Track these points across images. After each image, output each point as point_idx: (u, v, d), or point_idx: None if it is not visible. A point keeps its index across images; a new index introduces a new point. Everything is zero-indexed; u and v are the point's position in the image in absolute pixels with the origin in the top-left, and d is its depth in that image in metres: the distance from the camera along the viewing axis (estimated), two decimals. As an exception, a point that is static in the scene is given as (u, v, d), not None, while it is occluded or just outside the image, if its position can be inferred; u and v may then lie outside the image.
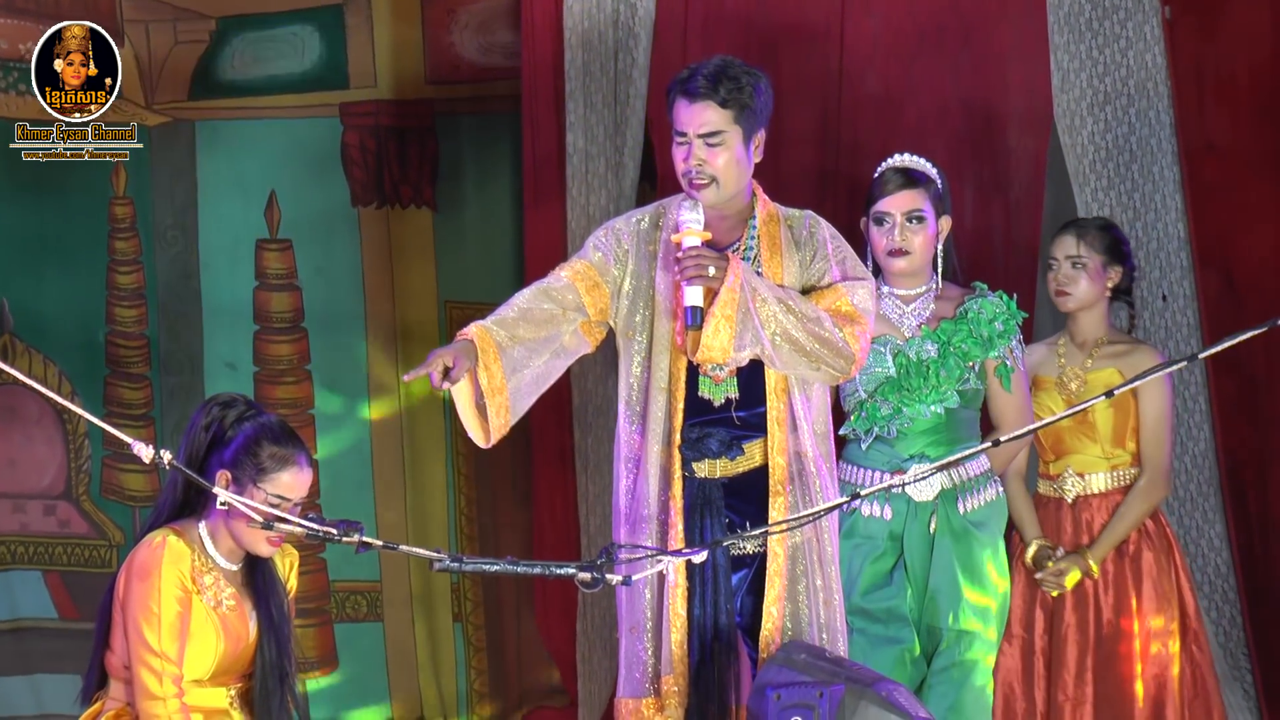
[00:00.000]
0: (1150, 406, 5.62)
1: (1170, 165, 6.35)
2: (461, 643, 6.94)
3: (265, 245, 6.96)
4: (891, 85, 6.42)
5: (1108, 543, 5.60)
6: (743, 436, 4.94)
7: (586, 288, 4.97)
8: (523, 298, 4.94)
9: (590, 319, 4.98)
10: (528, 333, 4.87)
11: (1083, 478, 5.67)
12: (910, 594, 5.29)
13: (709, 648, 4.87)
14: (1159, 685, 5.58)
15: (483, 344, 4.79)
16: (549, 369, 4.93)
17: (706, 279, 4.79)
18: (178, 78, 6.91)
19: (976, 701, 5.23)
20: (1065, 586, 5.59)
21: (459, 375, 4.73)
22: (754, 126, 4.93)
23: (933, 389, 5.28)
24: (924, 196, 5.33)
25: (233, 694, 4.62)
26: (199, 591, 4.52)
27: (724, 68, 4.90)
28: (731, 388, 4.94)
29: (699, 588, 4.88)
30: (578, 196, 6.55)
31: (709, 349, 4.80)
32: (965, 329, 5.30)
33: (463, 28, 6.92)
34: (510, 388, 4.82)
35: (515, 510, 6.91)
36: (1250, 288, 6.31)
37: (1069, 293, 5.67)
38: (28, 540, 6.93)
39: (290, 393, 6.95)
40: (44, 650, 6.84)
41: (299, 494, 4.55)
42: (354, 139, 6.95)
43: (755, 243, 4.99)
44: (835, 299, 4.93)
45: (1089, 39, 6.36)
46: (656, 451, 4.93)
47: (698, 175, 4.89)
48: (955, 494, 5.30)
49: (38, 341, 6.93)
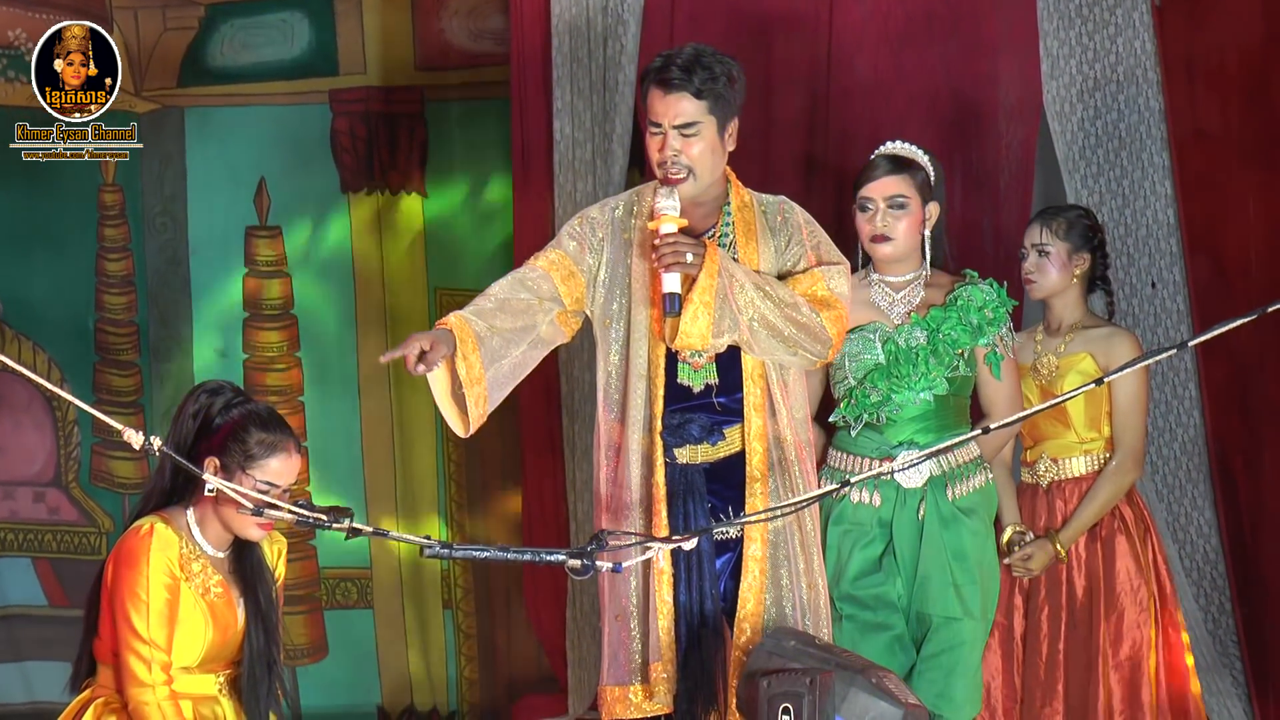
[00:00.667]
0: (1123, 389, 5.62)
1: (1160, 152, 6.35)
2: (451, 630, 6.95)
3: (255, 232, 6.96)
4: (880, 72, 6.42)
5: (1076, 526, 5.61)
6: (724, 421, 4.94)
7: (562, 277, 4.96)
8: (500, 287, 4.93)
9: (566, 309, 4.97)
10: (505, 323, 4.86)
11: (1057, 463, 5.69)
12: (900, 580, 5.29)
13: (696, 633, 4.87)
14: (1133, 668, 5.59)
15: (461, 334, 4.78)
16: (525, 359, 4.93)
17: (684, 266, 4.78)
18: (167, 65, 6.90)
19: (966, 687, 5.24)
20: (1033, 571, 5.61)
21: (435, 360, 4.71)
22: (728, 115, 4.92)
23: (921, 376, 5.28)
24: (907, 182, 5.33)
25: (221, 681, 4.62)
26: (187, 579, 4.52)
27: (698, 57, 4.88)
28: (711, 374, 4.94)
29: (684, 573, 4.89)
30: (565, 183, 6.55)
31: (688, 335, 4.80)
32: (955, 316, 5.30)
33: (452, 14, 6.92)
34: (488, 378, 4.82)
35: (505, 497, 6.92)
36: (1240, 274, 6.31)
37: (1035, 280, 5.70)
38: (17, 527, 6.94)
39: (280, 380, 6.95)
40: (33, 637, 6.85)
41: (288, 480, 4.55)
42: (344, 125, 6.95)
43: (730, 229, 4.98)
44: (811, 284, 4.94)
45: (1078, 25, 6.36)
46: (637, 438, 4.93)
47: (673, 166, 4.89)
48: (944, 481, 5.30)
49: (27, 328, 6.93)
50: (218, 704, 4.60)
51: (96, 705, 4.54)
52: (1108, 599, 5.62)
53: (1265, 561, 6.31)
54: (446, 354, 4.75)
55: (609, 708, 4.94)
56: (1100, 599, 5.61)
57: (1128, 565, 5.63)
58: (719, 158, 4.94)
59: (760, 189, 5.12)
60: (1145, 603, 5.62)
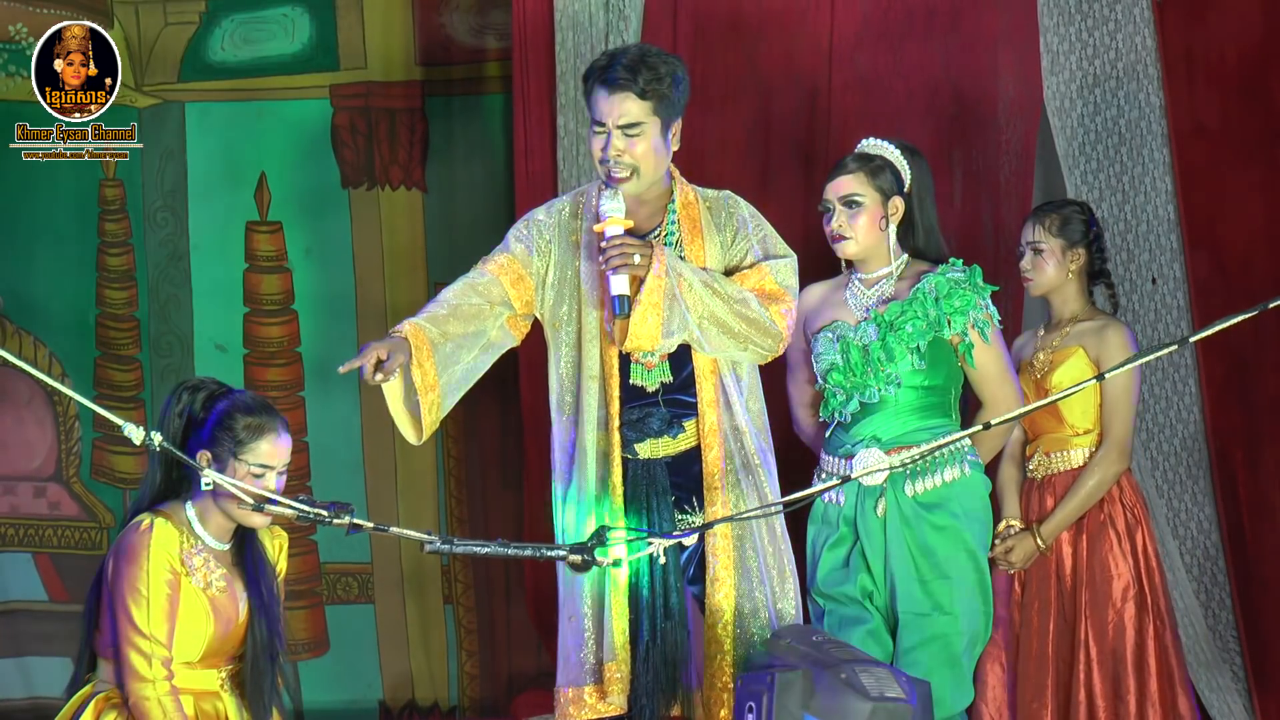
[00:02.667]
0: (1112, 381, 5.62)
1: (1160, 148, 6.36)
2: (452, 625, 6.95)
3: (255, 227, 6.96)
4: (880, 68, 6.42)
5: (1059, 519, 5.62)
6: (683, 414, 4.95)
7: (511, 280, 4.97)
8: (452, 293, 4.93)
9: (516, 312, 4.98)
10: (457, 329, 4.86)
11: (1049, 456, 5.69)
12: (866, 577, 5.29)
13: (659, 629, 4.87)
14: (1115, 662, 5.59)
15: (416, 341, 4.78)
16: (477, 364, 4.93)
17: (632, 267, 4.77)
18: (168, 59, 6.90)
19: (948, 682, 5.21)
20: (1014, 564, 5.62)
21: (392, 369, 4.72)
22: (672, 115, 4.91)
23: (876, 373, 5.26)
24: (862, 180, 5.30)
25: (223, 675, 4.62)
26: (188, 573, 4.52)
27: (642, 57, 4.88)
28: (664, 373, 4.94)
29: (647, 569, 4.88)
30: (569, 178, 6.55)
31: (637, 338, 4.80)
32: (912, 310, 5.27)
33: (454, 9, 6.92)
34: (442, 384, 4.83)
35: (505, 492, 6.92)
36: (1240, 270, 6.32)
37: (1031, 278, 5.71)
38: (18, 522, 6.93)
39: (280, 375, 6.95)
40: (34, 632, 6.85)
41: (280, 461, 4.56)
42: (344, 120, 6.94)
43: (676, 227, 4.98)
44: (759, 278, 4.93)
45: (1078, 21, 6.36)
46: (593, 438, 4.93)
47: (616, 166, 4.88)
48: (903, 477, 5.27)
49: (28, 323, 6.93)
50: (219, 699, 4.60)
51: (97, 701, 4.54)
52: (1090, 593, 5.62)
53: (1265, 557, 6.31)
54: (403, 361, 4.76)
55: (562, 710, 4.92)
56: (1083, 593, 5.62)
57: (1113, 559, 5.63)
58: (662, 157, 4.93)
59: (760, 184, 5.13)
60: (1131, 596, 5.62)
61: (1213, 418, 6.33)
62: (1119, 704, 5.58)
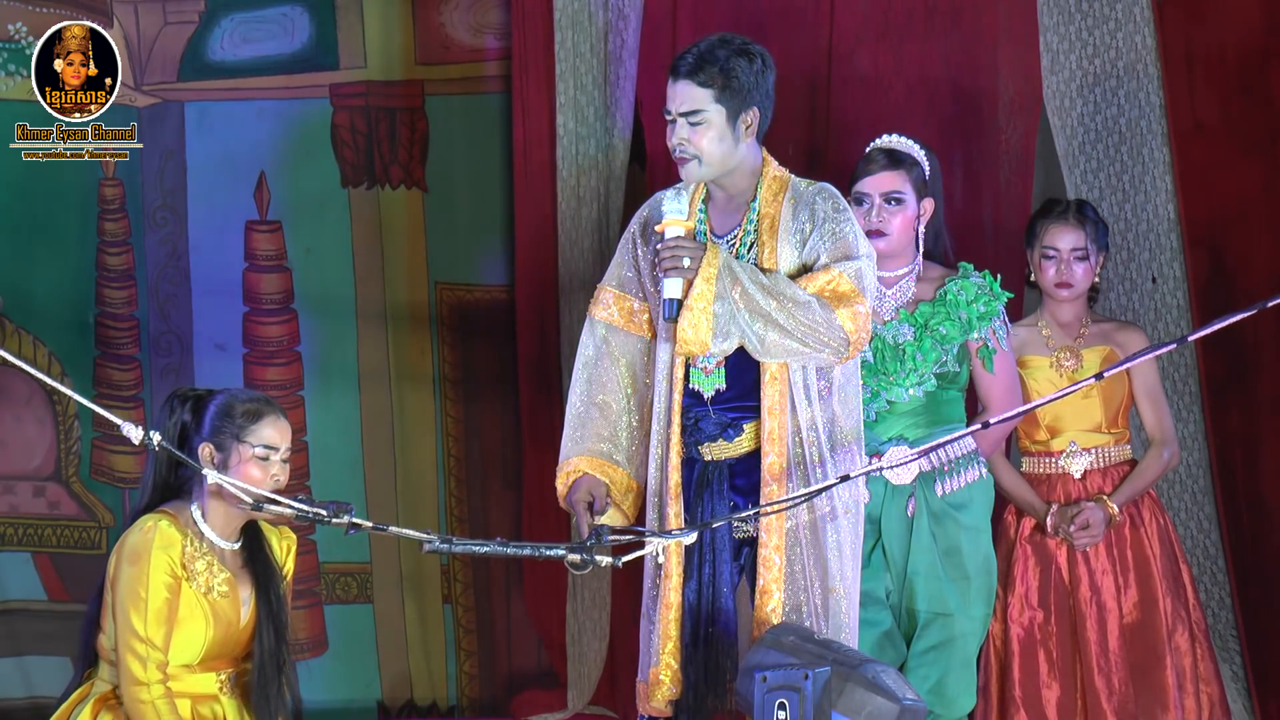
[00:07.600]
0: (1144, 380, 5.69)
1: (1160, 147, 6.36)
2: (451, 624, 6.95)
3: (255, 226, 6.96)
4: (880, 65, 6.42)
5: (1127, 492, 5.64)
6: (740, 418, 4.90)
7: (624, 317, 5.05)
8: (580, 401, 5.05)
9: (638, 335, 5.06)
10: (606, 428, 5.01)
11: (1090, 452, 5.69)
12: (888, 577, 5.29)
13: (705, 632, 4.85)
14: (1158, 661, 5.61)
15: (592, 467, 4.97)
16: (644, 399, 5.04)
17: (681, 270, 4.74)
18: (167, 59, 6.90)
19: (959, 682, 5.23)
20: (1097, 536, 5.58)
21: (604, 504, 4.91)
22: (740, 105, 4.84)
23: (909, 372, 5.26)
24: (904, 178, 5.32)
25: (223, 679, 4.62)
26: (189, 578, 4.52)
27: (712, 47, 4.84)
28: (719, 379, 4.89)
29: (696, 571, 4.86)
30: (568, 178, 6.55)
31: (686, 342, 4.74)
32: (944, 311, 5.28)
33: (453, 8, 6.92)
34: (633, 472, 5.00)
35: (505, 492, 6.91)
36: (1240, 269, 6.32)
37: (1072, 285, 5.67)
38: (17, 521, 6.93)
39: (280, 374, 6.95)
40: (33, 632, 6.84)
41: (284, 441, 4.57)
42: (344, 120, 6.94)
43: (753, 227, 4.93)
44: (829, 279, 4.80)
45: (1078, 20, 6.36)
46: (657, 435, 4.93)
47: (680, 151, 4.88)
48: (934, 477, 5.28)
49: (27, 322, 6.92)
50: (217, 703, 4.60)
51: (94, 701, 4.54)
52: (1121, 593, 5.64)
53: (1264, 556, 6.31)
54: (603, 490, 4.94)
55: (638, 702, 4.96)
56: (1117, 594, 5.64)
57: (1149, 562, 5.66)
58: (729, 148, 4.86)
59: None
60: (1154, 599, 5.63)
61: (1212, 417, 6.33)
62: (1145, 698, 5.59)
